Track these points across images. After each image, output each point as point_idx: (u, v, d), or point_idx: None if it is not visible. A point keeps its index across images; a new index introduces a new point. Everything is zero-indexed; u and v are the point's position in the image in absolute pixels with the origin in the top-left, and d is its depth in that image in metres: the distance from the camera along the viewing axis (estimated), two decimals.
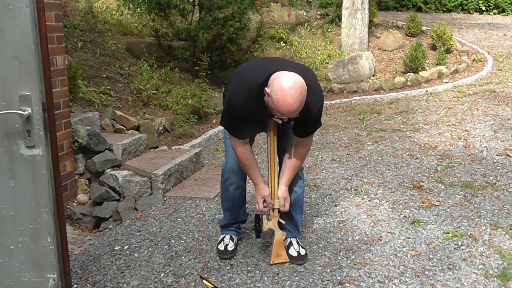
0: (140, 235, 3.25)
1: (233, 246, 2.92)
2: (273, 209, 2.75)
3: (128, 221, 3.49)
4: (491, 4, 13.33)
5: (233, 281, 2.67)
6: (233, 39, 6.75)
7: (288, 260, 2.81)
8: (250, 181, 2.81)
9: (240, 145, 2.59)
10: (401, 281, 2.64)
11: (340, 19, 9.09)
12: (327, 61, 8.41)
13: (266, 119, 2.57)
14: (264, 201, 2.71)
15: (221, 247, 2.91)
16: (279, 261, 2.80)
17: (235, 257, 2.91)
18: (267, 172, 2.83)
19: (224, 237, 2.96)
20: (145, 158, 4.19)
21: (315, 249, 2.98)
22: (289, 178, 2.71)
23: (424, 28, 9.62)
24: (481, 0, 13.35)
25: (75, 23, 6.49)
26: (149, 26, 7.44)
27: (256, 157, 4.81)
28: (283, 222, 2.80)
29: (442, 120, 5.80)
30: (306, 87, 2.29)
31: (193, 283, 2.67)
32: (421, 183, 3.93)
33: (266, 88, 2.30)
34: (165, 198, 3.79)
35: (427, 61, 8.35)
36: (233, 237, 2.97)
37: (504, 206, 3.51)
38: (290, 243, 2.88)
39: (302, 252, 2.85)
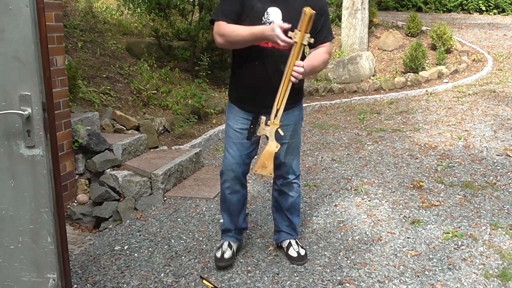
0: (140, 235, 3.25)
1: (230, 254, 2.80)
2: (276, 116, 2.40)
3: (128, 221, 3.49)
4: (491, 4, 13.33)
5: (233, 281, 2.67)
6: None
7: (272, 174, 2.52)
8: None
9: (224, 25, 2.37)
10: (401, 281, 2.64)
11: (340, 19, 9.09)
12: None
13: (262, 10, 2.39)
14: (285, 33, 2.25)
15: (218, 254, 2.81)
16: (262, 173, 2.49)
17: (235, 257, 2.89)
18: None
19: (222, 243, 2.86)
20: (145, 158, 4.19)
21: (315, 249, 2.98)
22: (311, 65, 2.38)
23: (424, 28, 9.63)
24: (481, 0, 13.35)
25: (75, 23, 6.50)
26: (149, 26, 7.44)
27: (256, 157, 4.83)
28: (282, 133, 2.45)
29: (442, 120, 5.81)
30: None
31: (193, 283, 2.67)
32: (421, 183, 3.93)
33: None
34: (165, 198, 3.79)
35: (427, 61, 8.35)
36: (232, 244, 2.86)
37: (504, 206, 3.51)
38: (290, 244, 2.88)
39: (302, 252, 2.85)
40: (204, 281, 2.66)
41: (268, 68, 2.47)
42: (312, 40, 2.26)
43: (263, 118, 2.42)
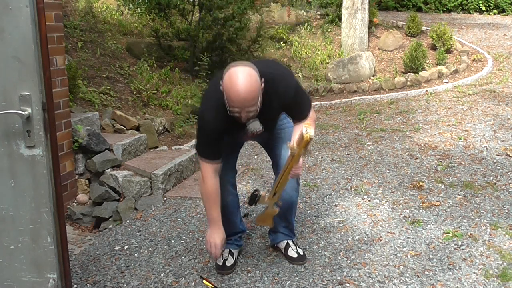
0: (140, 235, 3.25)
1: (232, 262, 2.79)
2: (274, 194, 2.55)
3: (128, 221, 3.49)
4: (491, 4, 13.33)
5: (233, 281, 2.67)
6: (233, 39, 6.75)
7: (272, 226, 2.77)
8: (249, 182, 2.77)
9: (212, 173, 2.46)
10: (401, 281, 2.64)
11: (340, 19, 9.09)
12: (327, 61, 8.41)
13: (239, 133, 2.49)
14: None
15: (219, 262, 2.77)
16: (262, 224, 2.83)
17: (237, 263, 2.87)
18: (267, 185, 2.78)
19: (223, 251, 2.79)
20: (145, 158, 4.19)
21: (315, 249, 2.98)
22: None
23: (424, 28, 9.62)
24: (481, 0, 13.35)
25: (75, 23, 6.50)
26: (149, 26, 7.44)
27: (256, 157, 4.80)
28: (280, 203, 2.63)
29: (442, 120, 5.80)
30: (263, 79, 2.22)
31: (193, 283, 2.67)
32: (421, 183, 3.93)
33: (221, 87, 2.22)
34: (165, 198, 3.79)
35: (427, 61, 8.35)
36: (233, 251, 2.84)
37: (504, 206, 3.51)
38: (288, 245, 2.87)
39: (301, 252, 2.85)
40: (204, 281, 2.66)
41: (251, 140, 2.85)
42: (309, 150, 2.35)
43: (263, 193, 2.56)
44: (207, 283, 2.63)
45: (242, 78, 2.13)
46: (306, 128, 2.15)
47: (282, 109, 2.48)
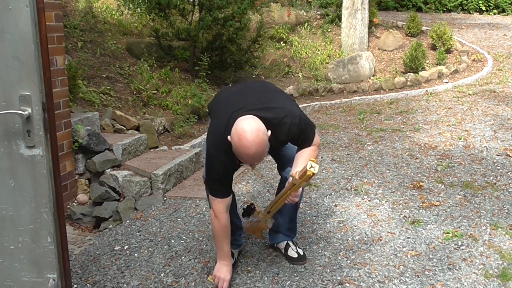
0: (140, 235, 3.25)
1: (232, 262, 2.76)
2: (269, 212, 2.64)
3: (128, 221, 3.49)
4: (491, 4, 13.33)
5: (233, 281, 2.67)
6: (233, 39, 6.75)
7: (261, 237, 2.89)
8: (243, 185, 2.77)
9: (224, 209, 2.47)
10: (401, 281, 2.64)
11: (340, 19, 9.09)
12: (327, 61, 8.41)
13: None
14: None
15: None
16: (252, 234, 2.92)
17: (237, 263, 2.87)
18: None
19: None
20: (145, 158, 4.19)
21: (315, 249, 2.98)
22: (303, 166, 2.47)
23: (424, 28, 9.63)
24: (481, 0, 13.35)
25: (75, 23, 6.50)
26: (149, 26, 7.44)
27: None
28: (273, 220, 2.71)
29: (442, 120, 5.81)
30: (265, 130, 2.20)
31: (193, 283, 2.67)
32: (421, 183, 3.93)
33: (228, 137, 2.24)
34: (165, 198, 3.79)
35: (427, 61, 8.35)
36: (233, 251, 2.82)
37: (504, 206, 3.51)
38: (288, 245, 2.87)
39: (301, 252, 2.85)
40: (209, 278, 2.66)
41: None
42: (311, 184, 2.44)
43: (258, 209, 2.65)
44: (212, 280, 2.63)
45: (251, 138, 2.13)
46: (311, 164, 2.23)
47: (288, 142, 2.52)
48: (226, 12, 6.66)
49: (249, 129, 2.15)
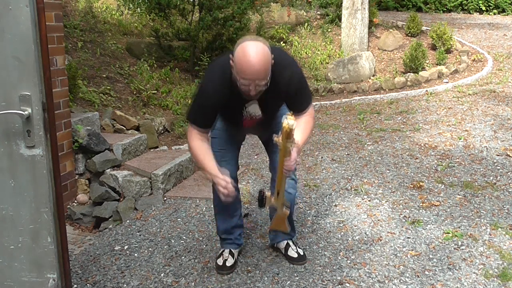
0: (140, 235, 3.25)
1: (232, 262, 2.78)
2: (278, 193, 2.51)
3: (128, 221, 3.49)
4: (491, 4, 13.33)
5: (233, 281, 2.67)
6: (233, 39, 6.75)
7: (287, 231, 2.74)
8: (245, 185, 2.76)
9: (198, 137, 2.40)
10: (401, 281, 2.64)
11: (340, 19, 9.09)
12: (327, 61, 8.41)
13: (238, 115, 2.47)
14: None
15: (220, 262, 2.78)
16: (277, 229, 2.74)
17: (237, 263, 2.86)
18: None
19: (223, 251, 2.83)
20: (145, 158, 4.19)
21: (315, 249, 2.98)
22: (302, 140, 2.43)
23: (424, 28, 9.62)
24: (481, 0, 13.35)
25: (75, 23, 6.49)
26: (149, 26, 7.44)
27: (256, 157, 4.80)
28: (288, 204, 2.61)
29: (442, 120, 5.80)
30: (273, 57, 2.22)
31: (193, 283, 2.67)
32: (421, 183, 3.93)
33: (231, 61, 2.22)
34: (165, 198, 3.79)
35: (427, 61, 8.35)
36: (233, 251, 2.83)
37: (504, 206, 3.51)
38: (288, 245, 2.87)
39: (301, 252, 2.85)
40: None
41: (254, 131, 2.82)
42: (296, 143, 2.29)
43: (269, 193, 2.49)
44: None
45: (255, 50, 2.14)
46: (285, 117, 2.13)
47: (284, 97, 2.45)
48: (226, 12, 6.66)
49: (254, 45, 2.16)
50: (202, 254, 2.97)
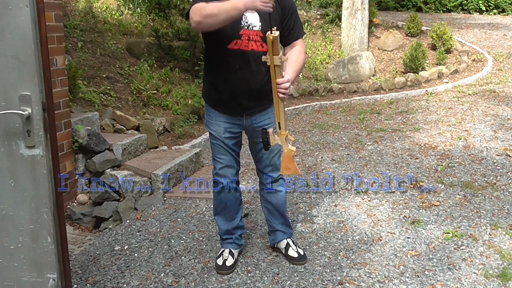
0: (140, 235, 3.25)
1: (232, 261, 2.79)
2: (280, 127, 2.47)
3: (128, 221, 3.49)
4: (491, 4, 13.33)
5: (233, 281, 2.67)
6: None
7: (299, 173, 2.69)
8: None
9: (205, 3, 2.29)
10: (401, 281, 2.64)
11: (340, 19, 9.09)
12: (327, 61, 8.41)
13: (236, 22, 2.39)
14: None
15: (220, 262, 2.79)
16: (289, 173, 2.60)
17: (237, 263, 2.87)
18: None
19: (223, 251, 2.84)
20: (145, 158, 4.19)
21: (315, 249, 2.98)
22: (295, 70, 2.46)
23: (424, 28, 9.62)
24: (481, 0, 13.35)
25: (75, 23, 6.49)
26: (149, 26, 7.44)
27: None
28: (292, 138, 2.55)
29: (442, 120, 5.81)
30: None
31: (193, 283, 2.67)
32: (421, 183, 3.93)
33: None
34: (165, 198, 3.79)
35: (427, 61, 8.35)
36: (233, 251, 2.84)
37: (504, 206, 3.51)
38: (288, 245, 2.87)
39: (301, 252, 2.85)
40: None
41: (248, 71, 2.51)
42: (285, 59, 2.33)
43: (271, 130, 2.47)
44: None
45: None
46: (269, 32, 2.22)
47: (280, 16, 2.48)
48: None
49: None
50: (202, 254, 2.97)
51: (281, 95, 2.37)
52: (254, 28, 2.45)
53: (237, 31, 2.44)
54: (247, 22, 2.44)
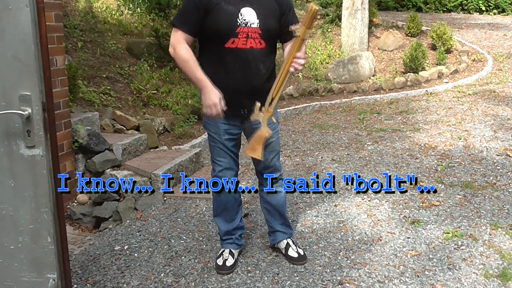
0: (140, 235, 3.25)
1: (232, 262, 2.78)
2: (270, 104, 2.40)
3: (128, 221, 3.49)
4: (491, 4, 13.33)
5: (233, 281, 2.67)
6: None
7: (261, 157, 2.49)
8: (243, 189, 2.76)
9: (182, 41, 2.36)
10: (401, 281, 2.64)
11: (340, 19, 9.09)
12: (327, 61, 8.41)
13: (236, 10, 2.39)
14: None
15: (220, 262, 2.78)
16: (252, 155, 2.50)
17: (237, 263, 2.86)
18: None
19: (223, 251, 2.83)
20: (145, 158, 4.19)
21: (315, 249, 2.98)
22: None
23: (424, 28, 9.62)
24: (481, 0, 13.35)
25: (75, 23, 6.50)
26: (149, 26, 7.44)
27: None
28: (275, 120, 2.46)
29: (442, 120, 5.81)
30: None
31: (193, 283, 2.67)
32: (421, 183, 3.93)
33: None
34: (165, 198, 3.79)
35: (427, 61, 8.35)
36: (233, 251, 2.83)
37: (504, 206, 3.51)
38: (288, 245, 2.87)
39: (302, 252, 2.85)
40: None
41: (247, 70, 2.46)
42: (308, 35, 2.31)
43: (258, 104, 2.41)
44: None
45: None
46: (310, 6, 2.14)
47: (279, 16, 2.47)
48: None
49: None
50: (202, 254, 2.97)
51: (292, 69, 2.33)
52: (252, 26, 2.40)
53: (234, 29, 2.39)
54: (244, 20, 2.39)
